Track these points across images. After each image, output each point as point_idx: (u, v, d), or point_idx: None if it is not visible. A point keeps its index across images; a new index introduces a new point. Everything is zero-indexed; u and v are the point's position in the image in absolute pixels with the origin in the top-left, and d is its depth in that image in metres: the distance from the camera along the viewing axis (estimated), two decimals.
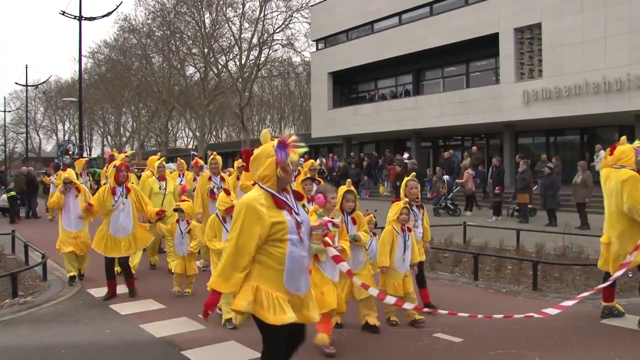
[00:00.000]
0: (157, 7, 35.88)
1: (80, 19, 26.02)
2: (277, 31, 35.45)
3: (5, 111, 58.75)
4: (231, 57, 37.11)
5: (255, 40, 35.40)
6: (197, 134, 41.78)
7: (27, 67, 52.16)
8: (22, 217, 17.54)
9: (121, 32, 39.62)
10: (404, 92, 27.25)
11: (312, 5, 32.43)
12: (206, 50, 35.77)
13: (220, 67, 36.91)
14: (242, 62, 36.18)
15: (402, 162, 20.39)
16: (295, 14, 35.17)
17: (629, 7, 17.35)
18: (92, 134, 62.01)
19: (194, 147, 41.50)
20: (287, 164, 3.27)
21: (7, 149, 61.65)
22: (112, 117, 54.66)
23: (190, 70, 40.37)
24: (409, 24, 25.45)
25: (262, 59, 36.35)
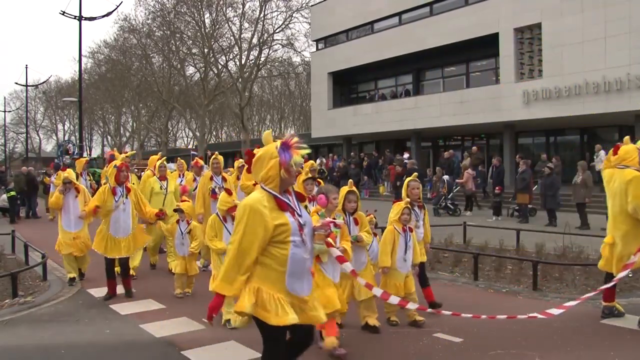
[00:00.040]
0: (157, 7, 35.97)
1: (80, 19, 26.02)
2: (277, 31, 35.53)
3: (5, 111, 58.85)
4: (231, 57, 37.19)
5: (255, 40, 35.48)
6: (197, 134, 41.78)
7: (27, 67, 52.19)
8: (22, 217, 17.53)
9: (121, 32, 39.74)
10: (404, 92, 27.24)
11: (312, 5, 32.43)
12: (206, 50, 35.78)
13: (220, 67, 36.94)
14: (242, 62, 36.23)
15: (402, 162, 20.39)
16: (295, 14, 35.26)
17: (629, 7, 17.35)
18: (92, 134, 62.03)
19: (194, 147, 41.50)
20: (291, 166, 3.25)
21: (7, 149, 61.64)
22: (112, 117, 54.69)
23: (190, 70, 40.48)
24: (409, 24, 25.45)
25: (262, 59, 36.40)
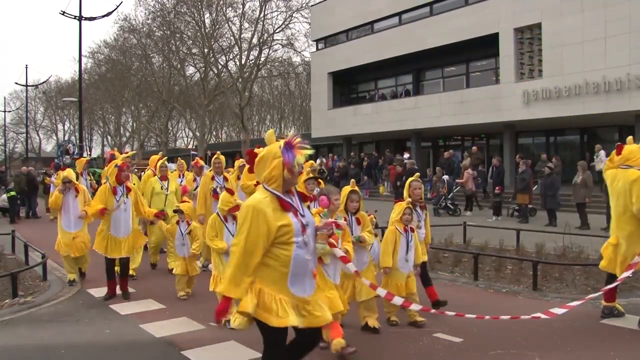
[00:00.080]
0: (157, 7, 35.95)
1: (80, 19, 26.01)
2: (277, 31, 35.51)
3: (5, 111, 58.84)
4: (231, 57, 37.17)
5: (255, 40, 35.45)
6: (197, 134, 41.77)
7: (27, 67, 52.16)
8: (22, 217, 17.54)
9: (121, 32, 39.72)
10: (404, 92, 27.24)
11: (312, 5, 32.43)
12: (206, 50, 35.77)
13: (220, 67, 36.92)
14: (242, 62, 36.21)
15: (402, 162, 20.39)
16: (295, 14, 35.23)
17: (629, 7, 17.35)
18: (92, 134, 62.04)
19: (194, 147, 41.50)
20: (294, 166, 3.23)
21: (7, 149, 61.63)
22: (112, 117, 54.69)
23: (190, 70, 40.47)
24: (409, 24, 25.45)
25: (262, 59, 36.37)
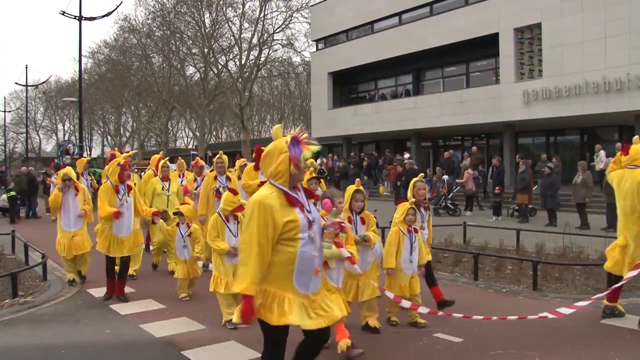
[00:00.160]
0: (157, 7, 35.92)
1: (80, 19, 25.98)
2: (277, 31, 35.49)
3: (5, 111, 58.79)
4: (231, 57, 37.15)
5: (255, 40, 35.44)
6: (197, 134, 41.75)
7: (27, 67, 52.13)
8: (22, 217, 17.55)
9: (121, 32, 39.69)
10: (404, 92, 27.24)
11: (312, 5, 32.42)
12: (206, 50, 35.75)
13: (220, 67, 36.91)
14: (242, 62, 36.20)
15: (402, 162, 20.39)
16: (295, 14, 35.21)
17: (629, 7, 17.35)
18: (92, 134, 62.01)
19: (194, 147, 41.48)
20: (300, 161, 3.20)
21: (7, 149, 61.63)
22: (112, 117, 54.67)
23: (190, 70, 40.44)
24: (409, 24, 25.45)
25: (262, 59, 36.36)
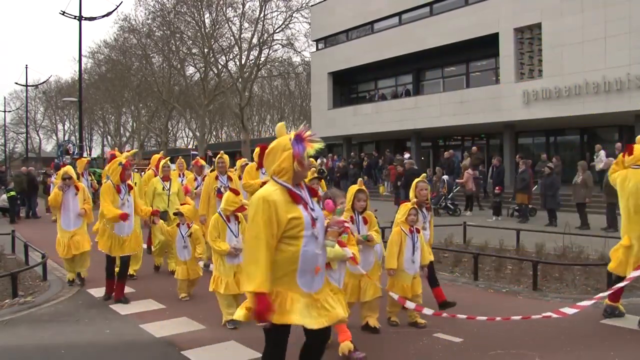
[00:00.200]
0: (157, 7, 35.91)
1: (80, 19, 25.98)
2: (277, 31, 35.48)
3: (5, 111, 58.80)
4: (231, 57, 37.14)
5: (255, 40, 35.43)
6: (197, 134, 41.74)
7: (27, 67, 52.12)
8: (22, 217, 17.55)
9: (121, 32, 39.66)
10: (404, 92, 27.24)
11: (312, 5, 32.42)
12: (206, 50, 35.75)
13: (220, 67, 36.91)
14: (242, 62, 36.19)
15: (403, 162, 20.40)
16: (295, 14, 35.19)
17: (629, 7, 17.35)
18: (92, 134, 62.01)
19: (194, 147, 41.48)
20: (304, 158, 3.19)
21: (7, 149, 61.63)
22: (112, 117, 54.66)
23: (190, 70, 40.43)
24: (409, 24, 25.45)
25: (262, 59, 36.35)
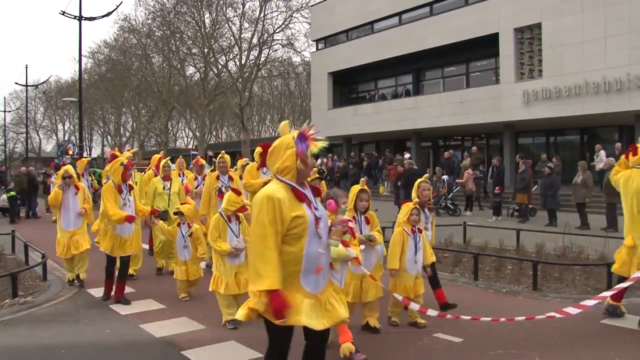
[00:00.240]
0: (157, 7, 35.86)
1: (80, 19, 25.98)
2: (277, 31, 35.44)
3: (5, 111, 58.79)
4: (231, 57, 37.10)
5: (255, 40, 35.39)
6: (197, 134, 41.73)
7: (27, 67, 52.12)
8: (22, 217, 17.55)
9: (121, 32, 39.62)
10: (404, 92, 27.23)
11: (312, 5, 32.41)
12: (206, 50, 35.73)
13: (220, 67, 36.88)
14: (242, 62, 36.16)
15: (403, 162, 20.39)
16: (295, 14, 35.15)
17: (629, 7, 17.35)
18: (92, 134, 62.01)
19: (194, 147, 41.47)
20: (307, 156, 3.17)
21: (7, 149, 61.61)
22: (112, 117, 54.64)
23: (190, 70, 40.39)
24: (409, 24, 25.44)
25: (262, 59, 36.32)
